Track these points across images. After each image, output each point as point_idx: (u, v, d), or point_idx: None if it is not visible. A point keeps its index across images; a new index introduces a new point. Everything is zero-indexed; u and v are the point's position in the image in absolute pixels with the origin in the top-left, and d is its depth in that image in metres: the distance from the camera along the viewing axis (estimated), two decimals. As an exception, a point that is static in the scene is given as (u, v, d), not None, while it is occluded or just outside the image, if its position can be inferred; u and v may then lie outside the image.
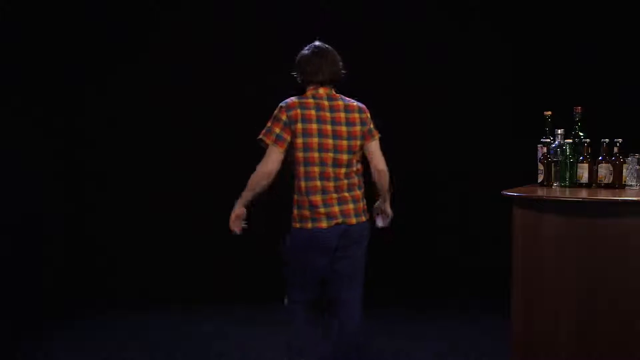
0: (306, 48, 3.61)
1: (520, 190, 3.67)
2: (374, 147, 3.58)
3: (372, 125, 3.58)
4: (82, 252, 6.17)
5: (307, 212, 3.47)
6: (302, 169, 3.47)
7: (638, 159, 3.74)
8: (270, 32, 6.01)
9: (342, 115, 3.50)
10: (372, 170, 3.61)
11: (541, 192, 3.68)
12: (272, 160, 3.47)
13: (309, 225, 3.47)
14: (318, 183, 3.45)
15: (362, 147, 3.55)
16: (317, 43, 3.62)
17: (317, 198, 3.45)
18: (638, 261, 3.29)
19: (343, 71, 3.61)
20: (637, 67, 5.77)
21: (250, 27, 6.12)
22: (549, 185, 3.90)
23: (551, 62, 6.01)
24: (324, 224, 3.45)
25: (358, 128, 3.52)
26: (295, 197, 3.52)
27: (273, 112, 3.53)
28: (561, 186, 3.86)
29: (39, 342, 4.84)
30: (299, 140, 3.45)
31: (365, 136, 3.54)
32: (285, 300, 3.68)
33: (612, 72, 5.82)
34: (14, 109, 5.52)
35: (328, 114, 3.48)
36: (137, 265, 6.19)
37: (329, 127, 3.47)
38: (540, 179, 3.97)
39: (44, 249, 5.90)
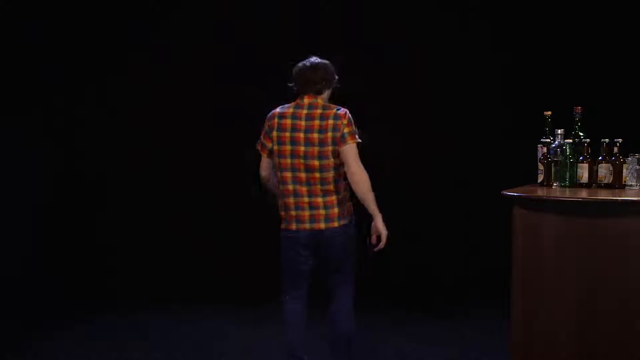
0: (301, 62, 3.78)
1: (520, 190, 3.67)
2: (346, 152, 3.61)
3: (346, 131, 3.61)
4: (82, 252, 6.17)
5: (283, 213, 3.75)
6: (279, 174, 3.72)
7: (638, 159, 3.74)
8: (270, 32, 6.01)
9: (317, 123, 3.64)
10: (347, 175, 3.67)
11: (541, 192, 3.69)
12: (261, 166, 3.83)
13: (283, 225, 3.76)
14: (290, 187, 3.67)
15: (337, 152, 3.63)
16: (312, 58, 3.77)
17: (290, 201, 3.69)
18: (638, 261, 3.29)
19: (335, 84, 3.78)
20: (637, 67, 5.77)
21: (250, 27, 6.12)
22: (549, 185, 3.90)
23: (551, 62, 6.01)
24: (293, 226, 3.70)
25: (329, 134, 3.61)
26: (279, 199, 3.79)
27: None
28: (561, 186, 3.85)
29: (39, 342, 4.85)
30: (275, 148, 3.69)
31: (337, 142, 3.61)
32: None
33: (612, 72, 5.82)
34: (14, 108, 5.53)
35: (303, 122, 3.65)
36: (137, 265, 6.20)
37: (301, 135, 3.63)
38: (540, 179, 3.97)
39: (44, 249, 5.90)
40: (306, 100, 3.69)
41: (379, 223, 3.68)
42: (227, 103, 6.10)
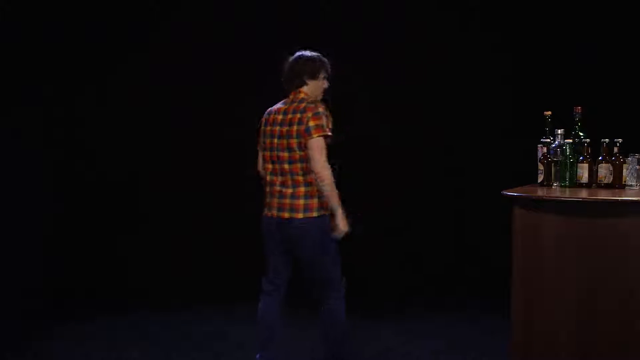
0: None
1: (520, 190, 3.67)
2: (309, 146, 3.66)
3: (311, 124, 3.65)
4: (82, 252, 6.16)
5: (264, 201, 3.90)
6: (264, 166, 3.89)
7: (638, 159, 3.74)
8: (270, 32, 6.01)
9: (290, 116, 3.74)
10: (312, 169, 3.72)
11: (541, 192, 3.69)
12: (258, 162, 3.97)
13: (263, 212, 3.90)
14: (268, 177, 3.85)
15: (303, 145, 3.69)
16: (297, 53, 3.88)
17: (267, 190, 3.87)
18: (638, 261, 3.29)
19: (324, 74, 3.83)
20: (637, 67, 5.77)
21: (250, 27, 6.12)
22: (549, 185, 3.90)
23: (551, 62, 6.01)
24: (264, 213, 3.88)
25: (295, 127, 3.70)
26: None
27: None
28: (561, 186, 3.86)
29: (39, 342, 4.84)
30: (262, 141, 3.87)
31: (302, 134, 3.67)
32: None
33: (612, 72, 5.81)
34: (14, 108, 5.52)
35: (280, 117, 3.78)
36: (137, 265, 6.19)
37: (277, 128, 3.77)
38: (540, 179, 3.97)
39: (44, 249, 5.90)
40: (291, 96, 3.82)
41: (338, 218, 3.70)
42: (227, 103, 6.10)
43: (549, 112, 4.03)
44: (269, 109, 3.88)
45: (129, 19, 6.09)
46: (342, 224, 3.71)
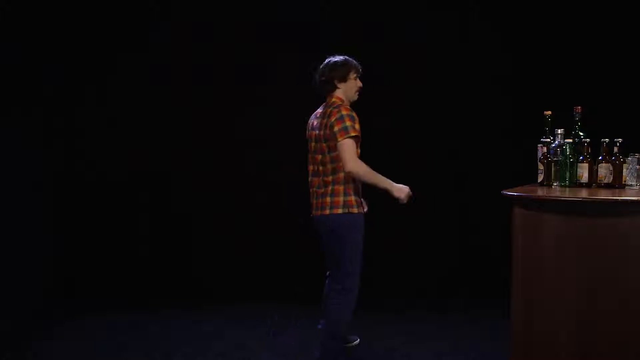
0: None
1: (520, 190, 3.67)
2: (339, 150, 3.83)
3: (336, 128, 3.81)
4: (81, 252, 6.17)
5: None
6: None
7: (638, 159, 3.74)
8: (270, 32, 6.01)
9: (321, 121, 3.92)
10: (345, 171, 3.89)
11: (541, 192, 3.69)
12: None
13: None
14: (310, 178, 4.05)
15: (330, 148, 3.86)
16: (327, 59, 4.00)
17: (310, 190, 4.04)
18: (638, 261, 3.29)
19: (352, 73, 3.96)
20: (637, 67, 5.77)
21: (250, 26, 6.12)
22: (549, 185, 3.91)
23: (551, 62, 6.01)
24: (311, 212, 4.04)
25: (322, 132, 3.89)
26: None
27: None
28: (561, 186, 3.86)
29: (38, 342, 4.84)
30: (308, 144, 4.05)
31: (328, 138, 3.85)
32: None
33: (612, 72, 5.82)
34: (14, 108, 5.52)
35: (316, 121, 3.98)
36: (137, 265, 6.19)
37: (314, 132, 3.99)
38: (540, 179, 3.98)
39: (44, 249, 5.90)
40: (327, 99, 3.99)
41: (394, 192, 3.91)
42: (227, 103, 6.10)
43: (549, 112, 4.04)
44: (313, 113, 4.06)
45: (129, 19, 6.09)
46: (397, 194, 3.91)
